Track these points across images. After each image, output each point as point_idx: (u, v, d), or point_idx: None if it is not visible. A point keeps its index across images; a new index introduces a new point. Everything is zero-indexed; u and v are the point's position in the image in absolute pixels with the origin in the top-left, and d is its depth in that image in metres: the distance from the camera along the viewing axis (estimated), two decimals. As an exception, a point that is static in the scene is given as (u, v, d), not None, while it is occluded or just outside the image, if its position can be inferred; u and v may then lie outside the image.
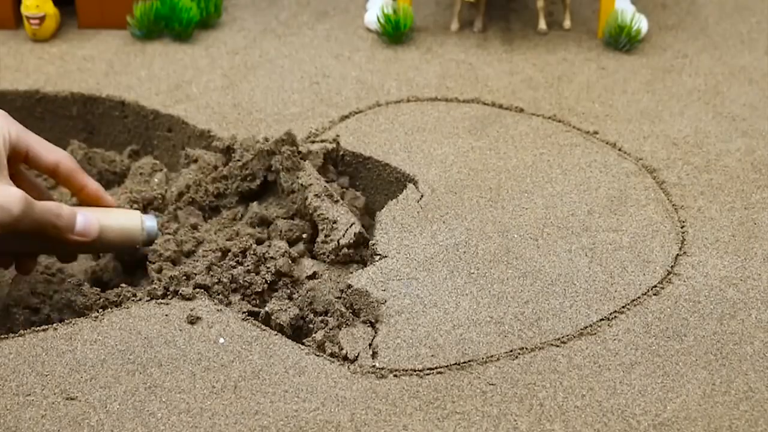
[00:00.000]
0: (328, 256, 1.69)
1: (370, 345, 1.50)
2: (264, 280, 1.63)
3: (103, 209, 1.65)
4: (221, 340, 1.49)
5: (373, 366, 1.45)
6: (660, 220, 1.74)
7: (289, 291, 1.64)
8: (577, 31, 2.34)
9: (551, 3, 2.44)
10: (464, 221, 1.73)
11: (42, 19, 2.25)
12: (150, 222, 1.70)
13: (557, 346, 1.49)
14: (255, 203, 1.82)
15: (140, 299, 1.60)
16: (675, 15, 2.41)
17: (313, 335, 1.53)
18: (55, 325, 1.53)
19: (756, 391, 1.42)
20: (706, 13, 2.41)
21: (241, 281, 1.62)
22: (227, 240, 1.73)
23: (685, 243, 1.69)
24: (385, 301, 1.56)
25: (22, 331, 1.52)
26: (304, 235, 1.76)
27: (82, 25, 2.34)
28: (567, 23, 2.35)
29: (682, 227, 1.72)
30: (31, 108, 2.11)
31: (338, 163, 1.93)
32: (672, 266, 1.64)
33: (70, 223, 1.56)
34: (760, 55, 2.24)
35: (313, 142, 1.94)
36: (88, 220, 1.58)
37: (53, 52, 2.25)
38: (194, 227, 1.78)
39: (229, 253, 1.67)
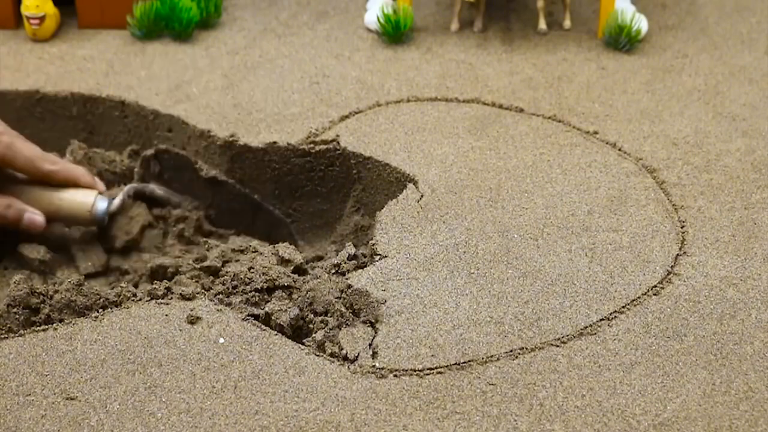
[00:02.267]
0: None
1: (370, 345, 1.50)
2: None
3: (63, 189, 1.81)
4: (221, 340, 1.49)
5: (373, 366, 1.45)
6: (660, 220, 1.74)
7: (289, 291, 1.64)
8: (577, 31, 2.34)
9: (551, 3, 2.44)
10: (464, 221, 1.73)
11: (42, 19, 2.25)
12: (101, 204, 1.81)
13: (557, 346, 1.49)
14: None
15: (140, 299, 1.60)
16: (675, 15, 2.41)
17: (313, 335, 1.53)
18: (55, 325, 1.53)
19: (756, 391, 1.42)
20: (706, 13, 2.41)
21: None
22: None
23: (685, 243, 1.69)
24: (385, 301, 1.56)
25: (22, 331, 1.52)
26: None
27: (82, 25, 2.34)
28: (567, 23, 2.35)
29: (682, 227, 1.72)
30: (31, 108, 2.11)
31: (336, 163, 1.93)
32: (672, 266, 1.64)
33: (15, 219, 1.75)
34: (760, 55, 2.24)
35: (313, 142, 1.94)
36: (31, 219, 1.76)
37: (53, 52, 2.25)
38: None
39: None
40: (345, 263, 1.66)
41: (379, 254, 1.66)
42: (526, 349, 1.48)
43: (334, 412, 1.38)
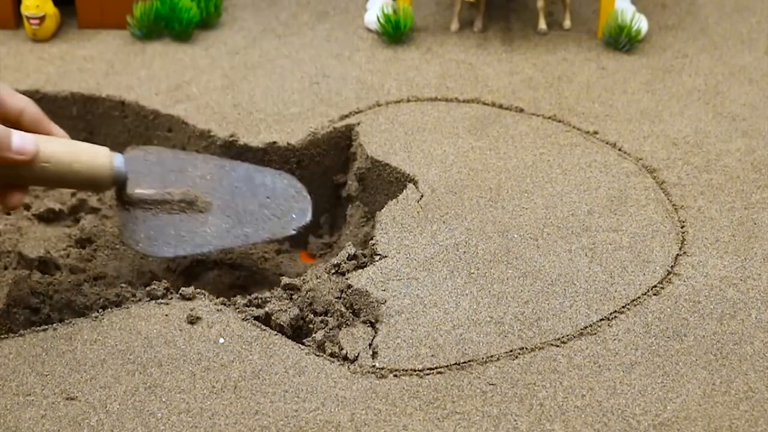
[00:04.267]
0: None
1: (370, 345, 1.50)
2: None
3: (69, 142, 1.56)
4: (221, 340, 1.49)
5: (373, 366, 1.45)
6: (660, 220, 1.74)
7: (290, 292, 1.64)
8: (577, 31, 2.34)
9: (551, 3, 2.44)
10: (464, 221, 1.73)
11: (42, 19, 2.25)
12: (120, 161, 1.59)
13: (557, 346, 1.49)
14: None
15: (140, 299, 1.60)
16: (675, 15, 2.41)
17: (313, 335, 1.53)
18: (55, 325, 1.53)
19: (756, 391, 1.42)
20: (706, 13, 2.41)
21: None
22: None
23: (685, 243, 1.69)
24: (385, 301, 1.56)
25: (22, 331, 1.52)
26: None
27: (82, 25, 2.34)
28: (567, 23, 2.35)
29: (682, 227, 1.72)
30: (31, 108, 2.11)
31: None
32: (672, 266, 1.64)
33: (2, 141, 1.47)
34: (760, 55, 2.24)
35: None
36: (24, 138, 1.49)
37: (53, 52, 2.25)
38: None
39: None
40: (345, 263, 1.66)
41: (379, 254, 1.66)
42: (526, 349, 1.48)
43: (334, 412, 1.38)
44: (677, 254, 1.66)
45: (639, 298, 1.57)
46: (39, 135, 1.55)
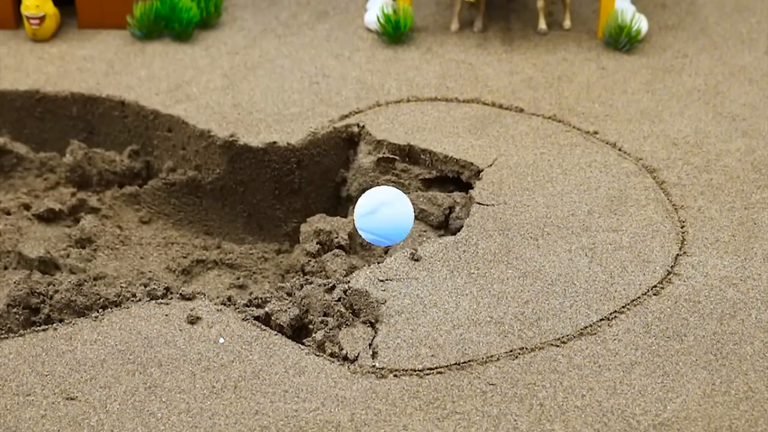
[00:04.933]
0: None
1: (370, 345, 1.49)
2: None
3: None
4: (221, 340, 1.49)
5: (373, 366, 1.45)
6: (660, 220, 1.73)
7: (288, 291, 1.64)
8: (577, 31, 2.34)
9: (551, 3, 2.44)
10: (464, 221, 1.73)
11: (42, 19, 2.25)
12: None
13: (557, 346, 1.49)
14: None
15: (140, 299, 1.60)
16: (675, 15, 2.41)
17: (313, 335, 1.53)
18: (55, 325, 1.53)
19: (756, 391, 1.42)
20: (706, 13, 2.41)
21: None
22: None
23: (685, 243, 1.69)
24: (385, 301, 1.56)
25: (22, 331, 1.52)
26: None
27: (82, 25, 2.34)
28: (567, 23, 2.35)
29: (682, 227, 1.72)
30: (31, 108, 2.11)
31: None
32: (672, 266, 1.64)
33: None
34: (760, 55, 2.24)
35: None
36: None
37: (53, 52, 2.25)
38: None
39: None
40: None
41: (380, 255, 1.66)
42: (526, 349, 1.48)
43: (334, 412, 1.38)
44: (677, 254, 1.66)
45: (639, 298, 1.57)
46: None
